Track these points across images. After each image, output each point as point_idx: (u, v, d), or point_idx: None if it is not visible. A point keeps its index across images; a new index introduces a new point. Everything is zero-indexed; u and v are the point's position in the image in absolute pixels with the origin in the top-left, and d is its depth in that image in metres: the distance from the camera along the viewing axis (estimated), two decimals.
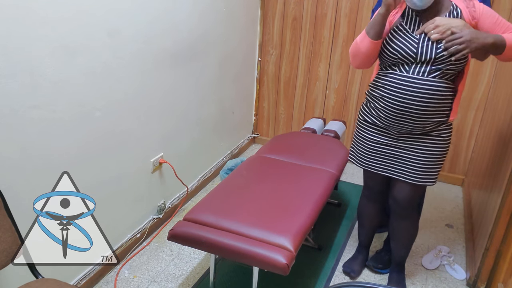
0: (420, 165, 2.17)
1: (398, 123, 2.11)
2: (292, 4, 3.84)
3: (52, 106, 1.97)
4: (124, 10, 2.29)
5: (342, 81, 3.89)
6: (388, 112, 2.11)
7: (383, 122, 2.17)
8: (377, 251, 2.79)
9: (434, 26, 1.94)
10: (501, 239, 2.30)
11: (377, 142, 2.24)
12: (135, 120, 2.55)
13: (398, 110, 2.07)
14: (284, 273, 1.94)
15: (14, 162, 1.84)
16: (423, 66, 2.00)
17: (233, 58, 3.65)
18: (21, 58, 1.77)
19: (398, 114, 2.08)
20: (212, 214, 2.20)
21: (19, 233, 1.69)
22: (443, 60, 1.95)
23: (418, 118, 2.05)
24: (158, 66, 2.65)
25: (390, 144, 2.21)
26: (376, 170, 2.31)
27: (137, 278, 2.51)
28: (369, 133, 2.26)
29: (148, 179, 2.79)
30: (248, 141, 4.33)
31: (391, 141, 2.20)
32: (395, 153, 2.21)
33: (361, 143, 2.32)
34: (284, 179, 2.56)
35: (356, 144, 2.36)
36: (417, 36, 2.00)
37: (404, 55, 2.02)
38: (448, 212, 3.38)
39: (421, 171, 2.18)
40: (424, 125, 2.08)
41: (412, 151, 2.17)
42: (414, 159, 2.17)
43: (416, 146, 2.15)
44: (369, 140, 2.27)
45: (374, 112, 2.20)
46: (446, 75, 2.00)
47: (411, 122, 2.08)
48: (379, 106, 2.15)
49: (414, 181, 2.20)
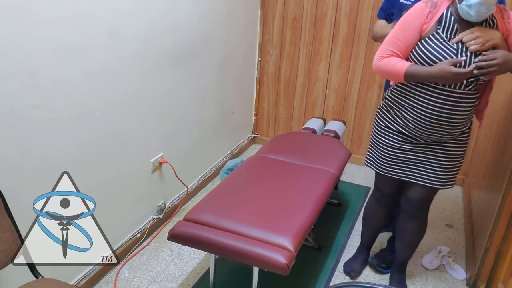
0: (441, 169, 2.16)
1: (429, 134, 2.08)
2: (292, 4, 3.84)
3: (52, 106, 1.97)
4: (124, 10, 2.29)
5: (342, 81, 3.89)
6: (420, 123, 2.06)
7: (412, 132, 2.12)
8: (381, 249, 2.79)
9: (474, 37, 1.88)
10: (501, 239, 2.29)
11: (399, 149, 2.20)
12: (135, 120, 2.55)
13: (431, 122, 2.03)
14: (284, 273, 1.93)
15: (14, 162, 1.84)
16: None
17: (233, 58, 3.65)
18: (21, 58, 1.77)
19: (431, 125, 2.04)
20: (212, 214, 2.20)
21: (19, 233, 1.69)
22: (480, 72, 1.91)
23: (450, 128, 2.04)
24: (158, 66, 2.65)
25: (412, 150, 2.17)
26: (395, 175, 2.27)
27: (137, 278, 2.51)
28: (391, 139, 2.21)
29: (148, 179, 2.79)
30: (248, 141, 4.33)
31: (414, 147, 2.17)
32: (417, 158, 2.18)
33: (381, 149, 2.26)
34: (284, 179, 2.56)
35: (375, 150, 2.31)
36: (454, 46, 1.93)
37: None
38: (448, 212, 3.38)
39: (442, 175, 2.17)
40: (453, 134, 2.08)
41: (435, 156, 2.15)
42: (436, 164, 2.16)
43: (439, 151, 2.14)
44: (391, 147, 2.22)
45: (400, 121, 2.14)
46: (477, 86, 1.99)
47: (442, 133, 2.06)
48: (409, 116, 2.09)
49: (436, 184, 2.19)
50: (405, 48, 2.02)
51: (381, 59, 2.08)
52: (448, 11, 1.95)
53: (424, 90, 2.02)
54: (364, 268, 2.71)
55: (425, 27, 1.98)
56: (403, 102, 2.11)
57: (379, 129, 2.26)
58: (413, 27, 1.99)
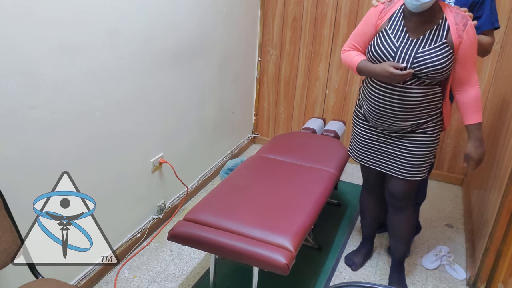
0: (407, 161, 2.22)
1: (381, 123, 2.19)
2: (292, 4, 3.84)
3: (52, 106, 1.96)
4: (124, 10, 2.29)
5: (342, 81, 3.89)
6: (371, 112, 2.19)
7: (369, 121, 2.25)
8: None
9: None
10: (501, 239, 2.29)
11: (369, 138, 2.31)
12: (135, 120, 2.54)
13: (377, 112, 2.15)
14: (284, 273, 1.93)
15: (14, 162, 1.84)
16: None
17: (233, 58, 3.65)
18: (21, 58, 1.77)
19: (379, 115, 2.16)
20: (212, 214, 2.20)
21: (19, 233, 1.69)
22: (418, 71, 1.98)
23: (397, 120, 2.12)
24: (158, 66, 2.65)
25: (380, 140, 2.27)
26: (369, 164, 2.38)
27: (137, 278, 2.51)
28: (361, 128, 2.33)
29: (148, 179, 2.79)
30: (248, 141, 4.33)
31: (380, 138, 2.27)
32: (385, 149, 2.27)
33: (355, 138, 2.39)
34: (284, 179, 2.56)
35: (352, 138, 2.44)
36: (397, 44, 2.02)
37: (381, 61, 2.06)
38: (448, 212, 3.38)
39: (409, 167, 2.23)
40: (406, 125, 2.14)
41: (400, 148, 2.22)
42: (401, 156, 2.23)
43: (403, 143, 2.21)
44: (362, 136, 2.34)
45: (363, 110, 2.28)
46: (425, 82, 2.03)
47: (391, 123, 2.15)
48: (365, 106, 2.23)
49: (404, 176, 2.25)
50: (363, 42, 2.18)
51: (344, 52, 2.26)
52: (400, 8, 2.06)
53: (371, 82, 2.15)
54: (366, 261, 2.75)
55: (378, 22, 2.11)
56: (363, 94, 2.26)
57: (354, 118, 2.39)
58: (370, 23, 2.14)
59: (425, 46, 1.98)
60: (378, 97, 2.12)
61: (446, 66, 1.96)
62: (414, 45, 1.99)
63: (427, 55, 1.96)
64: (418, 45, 1.99)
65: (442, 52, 1.96)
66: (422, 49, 1.98)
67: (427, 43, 1.98)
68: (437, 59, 1.95)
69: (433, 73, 1.97)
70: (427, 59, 1.96)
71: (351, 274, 2.66)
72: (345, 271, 2.67)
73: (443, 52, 1.96)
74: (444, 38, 1.97)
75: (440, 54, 1.95)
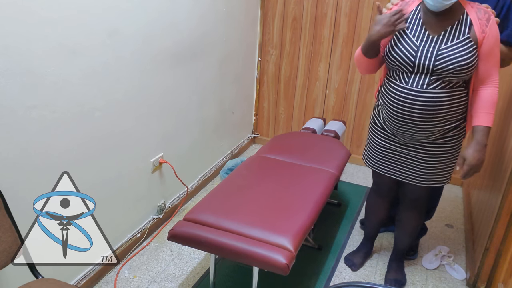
0: (426, 171, 2.18)
1: (403, 132, 2.10)
2: (292, 4, 3.83)
3: (51, 106, 1.96)
4: (124, 10, 2.28)
5: (342, 81, 3.89)
6: (392, 121, 2.11)
7: (390, 129, 2.17)
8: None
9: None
10: (501, 239, 2.29)
11: (386, 147, 2.24)
12: (135, 120, 2.54)
13: (400, 120, 2.07)
14: (284, 273, 1.93)
15: (13, 162, 1.84)
16: (422, 76, 1.96)
17: (233, 58, 3.64)
18: (21, 57, 1.77)
19: (401, 123, 2.07)
20: (212, 214, 2.20)
21: (19, 233, 1.68)
22: (442, 69, 1.91)
23: (421, 127, 2.04)
24: (158, 66, 2.65)
25: (398, 150, 2.20)
26: (383, 172, 2.32)
27: (137, 278, 2.51)
28: (379, 137, 2.26)
29: (148, 179, 2.78)
30: (248, 141, 4.33)
31: (399, 147, 2.19)
32: (403, 159, 2.21)
33: (371, 145, 2.33)
34: (284, 179, 2.55)
35: (368, 145, 2.38)
36: (417, 42, 1.95)
37: (402, 62, 1.99)
38: (448, 212, 3.38)
39: (428, 176, 2.19)
40: (431, 133, 2.06)
41: (419, 158, 2.16)
42: (421, 165, 2.17)
43: (423, 153, 2.14)
44: (379, 144, 2.27)
45: (382, 117, 2.21)
46: (450, 84, 1.95)
47: (415, 131, 2.07)
48: (385, 113, 2.15)
49: (423, 183, 2.22)
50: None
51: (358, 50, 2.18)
52: (417, 8, 2.01)
53: (392, 89, 2.06)
54: (366, 261, 2.74)
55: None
56: (381, 100, 2.17)
57: (371, 126, 2.33)
58: None
59: (447, 43, 1.91)
60: (399, 103, 2.03)
61: (471, 62, 1.88)
62: (436, 42, 1.92)
63: (451, 51, 1.89)
64: (440, 42, 1.92)
65: (466, 47, 1.88)
66: (444, 46, 1.91)
67: (449, 39, 1.91)
68: (462, 55, 1.88)
69: (458, 70, 1.88)
70: (451, 56, 1.88)
71: (351, 274, 2.66)
72: (345, 271, 2.67)
73: (467, 48, 1.88)
74: (467, 33, 1.89)
75: (464, 49, 1.88)
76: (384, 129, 2.22)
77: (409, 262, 2.76)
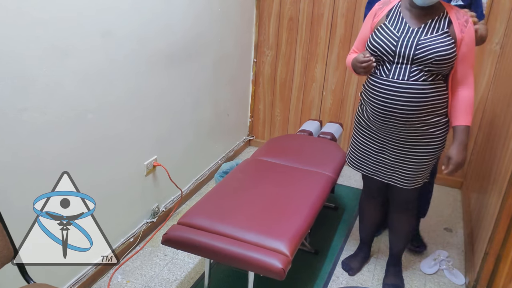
0: (410, 171, 2.20)
1: (386, 126, 2.12)
2: (288, 4, 3.81)
3: (43, 109, 1.93)
4: (118, 11, 2.26)
5: (339, 82, 3.86)
6: (376, 115, 2.13)
7: (374, 125, 2.18)
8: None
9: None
10: (501, 243, 2.27)
11: (369, 147, 2.26)
12: (129, 122, 2.51)
13: (383, 113, 2.09)
14: (280, 278, 1.91)
15: (5, 165, 1.81)
16: (403, 67, 2.00)
17: (228, 59, 3.62)
18: (12, 59, 1.74)
19: (384, 117, 2.09)
20: (207, 218, 2.17)
21: (10, 238, 1.65)
22: (422, 58, 1.95)
23: (404, 121, 2.06)
24: (152, 68, 2.62)
25: (382, 150, 2.23)
26: (368, 173, 2.34)
27: (131, 283, 2.47)
28: (363, 136, 2.28)
29: (142, 182, 2.75)
30: (244, 143, 4.30)
31: (383, 147, 2.21)
32: (387, 159, 2.23)
33: (355, 146, 2.34)
34: (280, 182, 2.53)
35: (351, 146, 2.38)
36: (397, 34, 2.00)
37: (383, 51, 2.02)
38: (447, 215, 3.36)
39: (412, 176, 2.21)
40: (414, 127, 2.08)
41: (403, 158, 2.19)
42: (404, 166, 2.20)
43: (407, 153, 2.17)
44: (362, 144, 2.29)
45: (366, 114, 2.22)
46: (431, 77, 1.99)
47: (398, 125, 2.09)
48: (368, 109, 2.17)
49: (407, 186, 2.24)
50: (362, 46, 2.19)
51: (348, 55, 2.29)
52: (397, 5, 2.08)
53: (374, 83, 2.10)
54: (363, 266, 2.72)
55: (374, 21, 2.13)
56: (365, 97, 2.20)
57: (355, 126, 2.35)
58: (367, 25, 2.16)
59: (427, 34, 1.96)
60: (381, 96, 2.06)
61: (450, 54, 1.93)
62: (416, 33, 1.98)
63: (431, 41, 1.94)
64: (420, 33, 1.97)
65: (445, 40, 1.94)
66: (424, 36, 1.96)
67: (429, 32, 1.97)
68: (441, 45, 1.93)
69: (438, 60, 1.93)
70: (431, 45, 1.93)
71: (348, 279, 2.63)
72: (342, 276, 2.64)
73: (446, 40, 1.94)
74: (446, 28, 1.96)
75: (443, 41, 1.94)
76: (368, 128, 2.23)
77: (407, 267, 2.73)
